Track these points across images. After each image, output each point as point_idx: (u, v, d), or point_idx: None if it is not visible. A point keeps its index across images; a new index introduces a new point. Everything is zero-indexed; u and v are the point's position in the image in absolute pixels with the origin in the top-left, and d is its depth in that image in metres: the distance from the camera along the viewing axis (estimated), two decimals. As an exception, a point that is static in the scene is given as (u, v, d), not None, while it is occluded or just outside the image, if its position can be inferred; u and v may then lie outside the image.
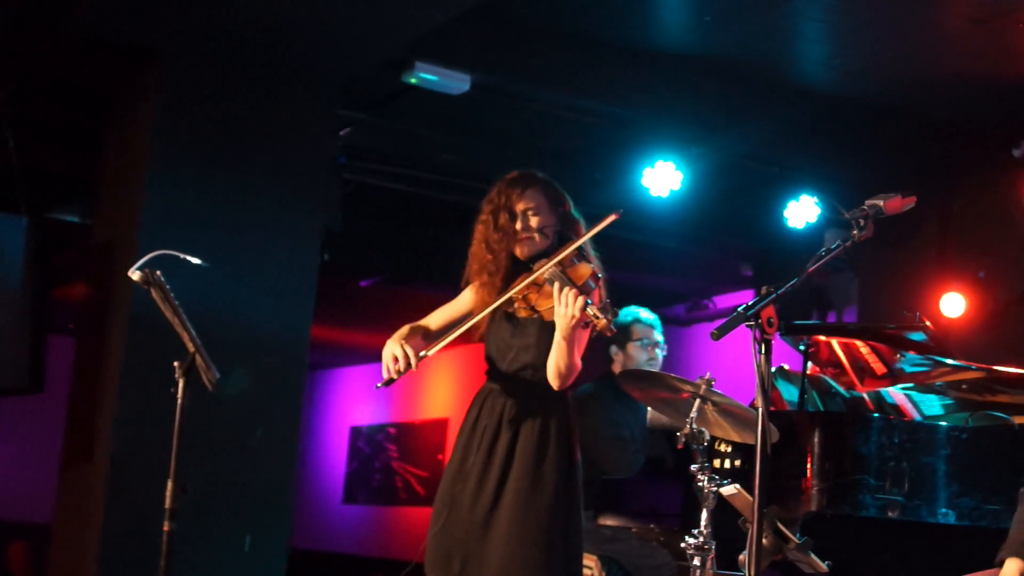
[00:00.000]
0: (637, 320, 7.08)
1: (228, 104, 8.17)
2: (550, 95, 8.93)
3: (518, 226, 4.98)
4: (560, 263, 4.80)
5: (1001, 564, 4.25)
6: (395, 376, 4.83)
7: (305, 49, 8.01)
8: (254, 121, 8.23)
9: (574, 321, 4.62)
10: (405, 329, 5.04)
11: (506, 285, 4.94)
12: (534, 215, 4.99)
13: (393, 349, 4.86)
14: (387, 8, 7.40)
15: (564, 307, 4.63)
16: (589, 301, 4.61)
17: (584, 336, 4.78)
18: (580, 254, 4.92)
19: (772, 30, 7.89)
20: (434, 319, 5.17)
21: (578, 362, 4.80)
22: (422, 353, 4.86)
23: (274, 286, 8.16)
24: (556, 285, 4.68)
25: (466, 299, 5.13)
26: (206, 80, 8.13)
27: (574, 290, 4.63)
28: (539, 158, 8.21)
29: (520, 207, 4.99)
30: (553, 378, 4.81)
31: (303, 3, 7.41)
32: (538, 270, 4.81)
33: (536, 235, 4.99)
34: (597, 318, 4.58)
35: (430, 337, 5.07)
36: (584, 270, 4.80)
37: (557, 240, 5.02)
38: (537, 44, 8.29)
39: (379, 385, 4.89)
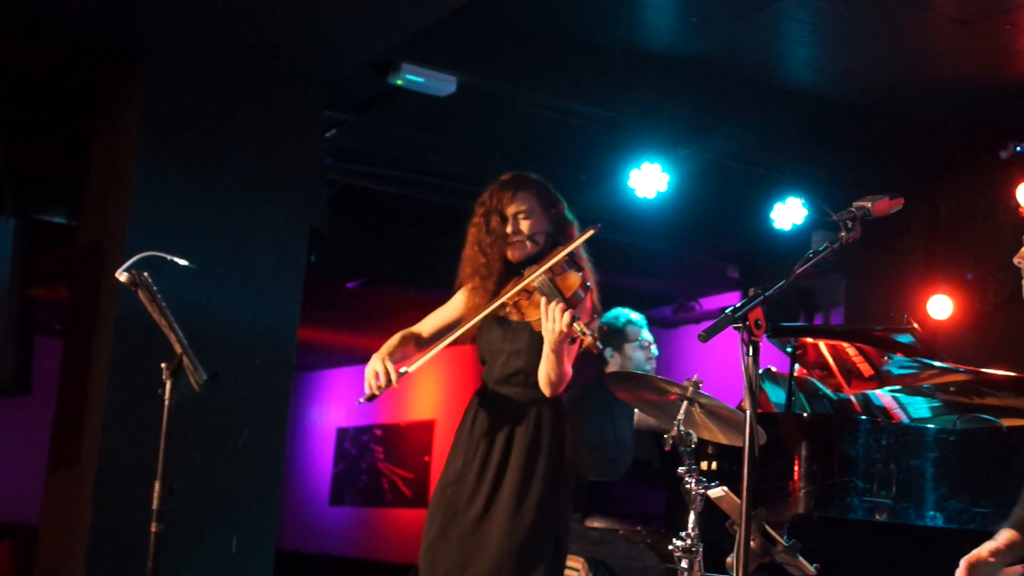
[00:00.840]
0: (630, 322, 7.06)
1: (214, 106, 8.15)
2: (536, 97, 8.91)
3: (508, 230, 4.96)
4: (550, 270, 4.78)
5: None
6: (376, 392, 4.83)
7: (291, 50, 8.00)
8: (241, 122, 8.21)
9: (561, 336, 4.62)
10: (395, 339, 5.03)
11: (498, 289, 4.93)
12: (525, 219, 4.97)
13: (375, 366, 4.85)
14: (373, 10, 7.39)
15: (551, 322, 4.62)
16: (576, 317, 4.61)
17: (573, 348, 4.78)
18: (571, 261, 4.91)
19: (758, 31, 7.89)
20: (426, 325, 5.15)
21: (568, 371, 4.80)
22: (402, 370, 4.85)
23: (261, 287, 8.13)
24: (544, 300, 4.67)
25: (458, 303, 5.11)
26: (192, 82, 8.10)
27: (561, 304, 4.62)
28: (525, 160, 8.23)
29: (511, 210, 4.97)
30: (544, 387, 4.82)
31: (289, 5, 7.39)
32: (528, 276, 4.79)
33: (527, 241, 4.97)
34: (584, 334, 4.56)
35: (422, 344, 5.06)
36: (573, 280, 4.78)
37: (549, 244, 5.00)
38: (523, 46, 8.28)
39: (361, 400, 4.88)
